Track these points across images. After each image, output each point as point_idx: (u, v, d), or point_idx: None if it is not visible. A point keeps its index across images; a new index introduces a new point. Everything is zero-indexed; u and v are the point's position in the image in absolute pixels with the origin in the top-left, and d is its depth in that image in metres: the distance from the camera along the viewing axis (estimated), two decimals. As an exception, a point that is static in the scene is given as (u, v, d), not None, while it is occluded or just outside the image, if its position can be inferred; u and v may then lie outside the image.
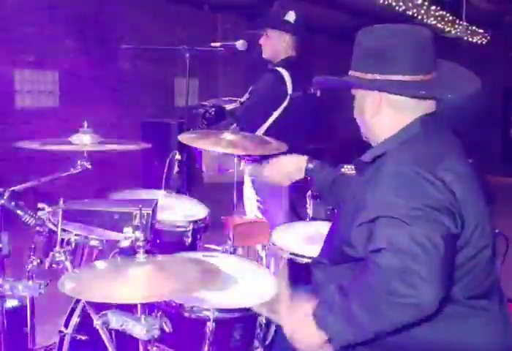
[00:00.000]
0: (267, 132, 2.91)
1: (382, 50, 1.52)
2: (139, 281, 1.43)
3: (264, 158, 2.87)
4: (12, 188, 1.92)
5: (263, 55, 3.13)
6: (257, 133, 2.90)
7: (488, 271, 1.46)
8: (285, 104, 2.96)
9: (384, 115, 1.56)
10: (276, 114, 2.96)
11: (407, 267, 1.26)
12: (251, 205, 3.05)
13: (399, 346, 1.44)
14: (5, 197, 1.88)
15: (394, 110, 1.55)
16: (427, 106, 1.55)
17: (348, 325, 1.35)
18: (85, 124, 2.17)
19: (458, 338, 1.43)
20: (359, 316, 1.33)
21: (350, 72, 1.61)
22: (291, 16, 2.98)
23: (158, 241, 2.11)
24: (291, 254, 2.09)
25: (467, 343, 1.43)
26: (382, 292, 1.29)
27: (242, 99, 3.16)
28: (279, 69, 3.00)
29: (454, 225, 1.33)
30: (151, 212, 1.66)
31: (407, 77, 1.50)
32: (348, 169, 3.89)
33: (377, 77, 1.52)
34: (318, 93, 3.15)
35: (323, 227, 2.20)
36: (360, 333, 1.36)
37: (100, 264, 1.61)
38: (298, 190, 3.30)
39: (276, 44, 3.04)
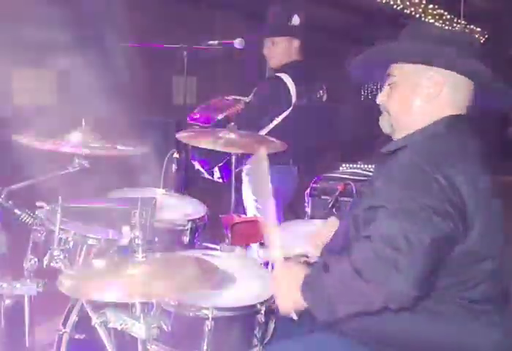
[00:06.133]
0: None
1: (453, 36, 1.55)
2: (138, 280, 1.42)
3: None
4: (10, 187, 1.92)
5: (271, 66, 3.07)
6: None
7: (493, 278, 1.45)
8: (287, 112, 2.93)
9: (441, 97, 1.52)
10: (276, 121, 2.94)
11: (387, 256, 1.29)
12: (250, 204, 3.05)
13: (395, 339, 1.45)
14: (2, 196, 1.88)
15: (453, 92, 1.51)
16: (462, 107, 1.55)
17: (322, 301, 1.39)
18: (84, 123, 2.16)
19: (455, 339, 1.43)
20: (332, 295, 1.37)
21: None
22: (296, 20, 2.96)
23: (156, 240, 2.11)
24: (290, 252, 2.09)
25: (464, 345, 1.44)
26: (356, 275, 1.32)
27: (247, 99, 3.14)
28: (282, 75, 2.95)
29: (452, 227, 1.33)
30: (149, 210, 1.65)
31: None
32: (346, 168, 3.89)
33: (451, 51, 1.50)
34: (324, 98, 3.12)
35: (322, 226, 2.20)
36: (332, 312, 1.39)
37: (98, 262, 1.61)
38: (296, 190, 3.30)
39: (284, 51, 3.00)
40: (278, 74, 2.97)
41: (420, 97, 1.54)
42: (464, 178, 1.37)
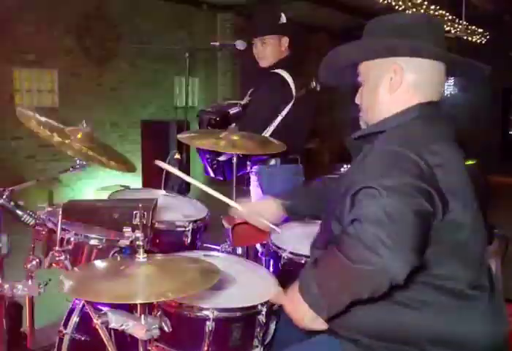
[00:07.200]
0: (272, 135, 2.91)
1: (406, 25, 1.52)
2: (138, 281, 1.42)
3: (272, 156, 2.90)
4: (12, 187, 1.92)
5: (263, 66, 3.07)
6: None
7: (481, 261, 1.46)
8: (290, 105, 2.96)
9: (405, 85, 1.52)
10: (281, 116, 2.96)
11: (372, 234, 1.25)
12: None
13: (387, 332, 1.45)
14: (4, 197, 1.88)
15: (417, 77, 1.51)
16: (432, 93, 1.54)
17: (322, 296, 1.36)
18: (84, 123, 2.17)
19: (447, 327, 1.43)
20: (329, 287, 1.34)
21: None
22: (283, 18, 3.02)
23: (157, 241, 2.11)
24: (290, 253, 2.09)
25: (457, 332, 1.44)
26: (348, 259, 1.28)
27: (243, 102, 3.14)
28: (280, 71, 2.98)
29: (430, 204, 1.31)
30: (150, 211, 1.65)
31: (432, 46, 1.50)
32: (347, 168, 3.89)
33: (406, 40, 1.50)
34: (318, 88, 3.15)
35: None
36: (334, 304, 1.36)
37: (99, 263, 1.61)
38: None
39: (276, 49, 3.03)
40: (274, 71, 2.99)
41: (384, 88, 1.55)
42: (439, 159, 1.37)
